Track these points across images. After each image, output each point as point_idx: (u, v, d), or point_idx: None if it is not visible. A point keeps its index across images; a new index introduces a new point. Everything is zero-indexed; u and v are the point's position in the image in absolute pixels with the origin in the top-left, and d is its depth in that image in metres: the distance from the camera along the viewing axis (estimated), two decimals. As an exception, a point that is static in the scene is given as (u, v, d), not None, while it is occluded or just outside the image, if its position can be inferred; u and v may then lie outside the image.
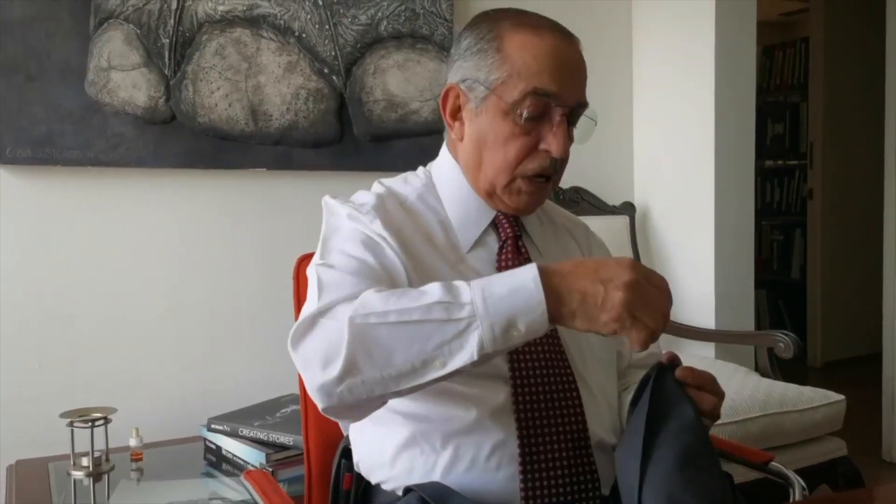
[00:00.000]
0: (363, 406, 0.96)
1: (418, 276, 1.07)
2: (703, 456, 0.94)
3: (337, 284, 0.99)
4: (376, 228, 1.08)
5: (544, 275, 0.89)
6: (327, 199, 1.17)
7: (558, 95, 1.07)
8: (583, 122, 1.13)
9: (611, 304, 0.87)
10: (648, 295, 0.88)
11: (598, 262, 0.91)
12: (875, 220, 3.30)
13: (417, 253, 1.10)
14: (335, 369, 0.90)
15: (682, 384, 1.00)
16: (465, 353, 0.88)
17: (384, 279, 1.03)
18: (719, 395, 1.05)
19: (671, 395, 0.96)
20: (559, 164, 1.11)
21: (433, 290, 0.91)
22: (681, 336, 2.78)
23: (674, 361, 1.02)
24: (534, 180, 1.11)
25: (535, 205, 1.16)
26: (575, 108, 1.10)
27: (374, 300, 0.92)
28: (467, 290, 0.90)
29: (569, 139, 1.11)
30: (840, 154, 4.64)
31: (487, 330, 0.88)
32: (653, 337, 0.89)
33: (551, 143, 1.08)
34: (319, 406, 0.95)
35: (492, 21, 1.12)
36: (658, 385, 0.96)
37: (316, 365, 0.92)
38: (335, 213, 1.14)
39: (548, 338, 1.11)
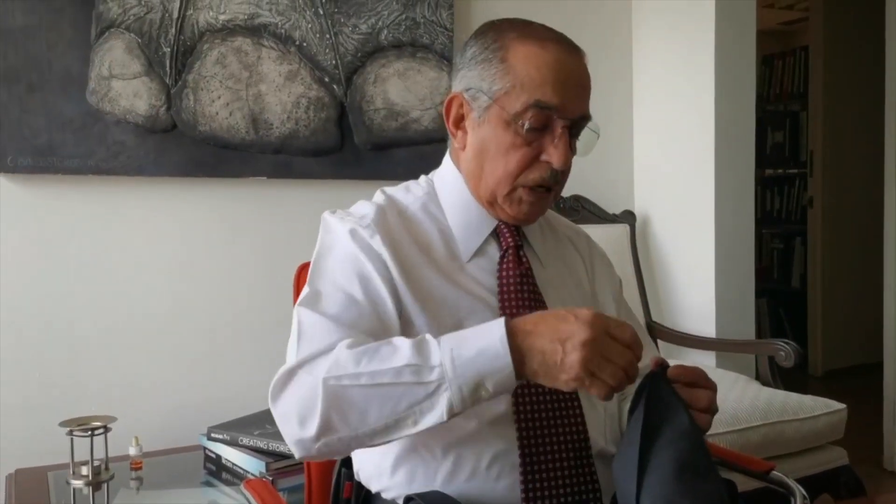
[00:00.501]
0: (341, 454, 1.01)
1: (413, 294, 1.08)
2: (699, 462, 0.94)
3: (316, 334, 1.01)
4: (375, 245, 1.09)
5: (511, 333, 0.91)
6: (326, 216, 1.16)
7: (560, 108, 1.07)
8: (586, 134, 1.13)
9: (569, 364, 0.89)
10: (609, 351, 0.90)
11: (559, 317, 0.92)
12: (875, 229, 3.30)
13: (415, 269, 1.10)
14: (311, 429, 0.94)
15: (674, 387, 1.00)
16: (436, 414, 0.92)
17: (369, 316, 1.04)
18: (712, 388, 1.05)
19: (666, 403, 0.96)
20: (560, 175, 1.11)
21: (403, 350, 0.93)
22: (681, 344, 2.78)
23: (662, 364, 1.02)
24: (535, 190, 1.11)
25: (536, 214, 1.16)
26: (577, 121, 1.10)
27: (346, 360, 0.94)
28: (437, 352, 0.92)
29: (570, 151, 1.11)
30: (840, 162, 4.65)
31: (456, 392, 0.91)
32: (614, 390, 0.90)
33: (552, 155, 1.09)
34: (296, 456, 0.99)
35: (497, 31, 1.12)
36: (652, 393, 0.96)
37: (293, 421, 0.95)
38: (332, 231, 1.14)
39: None
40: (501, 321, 0.92)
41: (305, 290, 1.08)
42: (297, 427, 0.95)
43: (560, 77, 1.07)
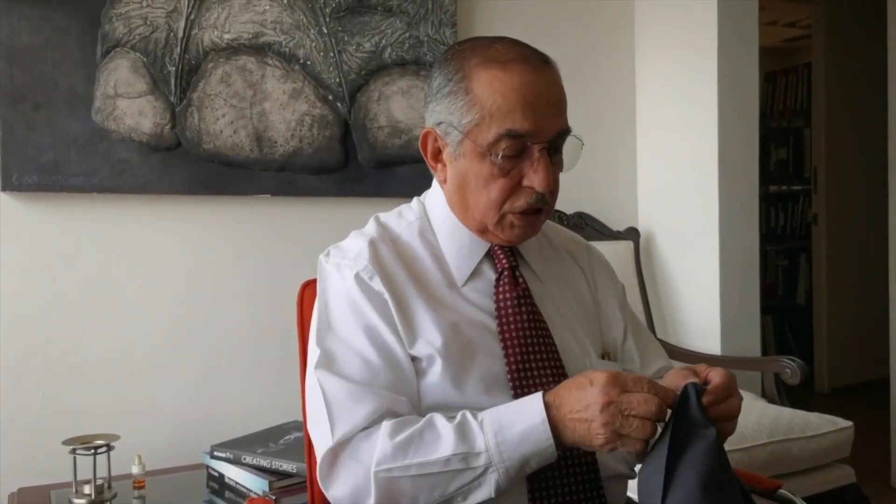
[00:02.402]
0: None
1: (415, 328, 1.08)
2: (724, 479, 0.93)
3: (344, 405, 1.03)
4: (376, 286, 1.09)
5: (549, 411, 0.96)
6: (321, 262, 1.16)
7: (533, 133, 1.04)
8: (571, 143, 1.10)
9: (596, 432, 0.93)
10: (629, 407, 0.92)
11: (579, 386, 0.96)
12: (880, 244, 3.29)
13: (413, 303, 1.10)
14: None
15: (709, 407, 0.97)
16: (484, 491, 0.98)
17: (385, 371, 1.05)
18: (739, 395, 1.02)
19: (695, 418, 0.95)
20: (547, 196, 1.09)
21: (447, 437, 0.97)
22: (686, 361, 2.76)
23: (699, 386, 0.97)
24: (525, 214, 1.09)
25: (529, 236, 1.15)
26: (554, 139, 1.07)
27: (393, 451, 0.98)
28: (480, 436, 0.97)
29: (554, 168, 1.09)
30: (844, 178, 4.65)
31: (503, 473, 0.97)
32: (648, 443, 0.93)
33: (533, 180, 1.06)
34: None
35: (459, 59, 1.09)
36: (682, 407, 0.95)
37: None
38: (328, 280, 1.14)
39: (552, 368, 1.10)
40: (540, 402, 0.96)
41: (316, 351, 1.09)
42: None
43: (528, 100, 1.04)
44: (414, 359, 1.08)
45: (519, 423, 0.96)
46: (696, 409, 0.95)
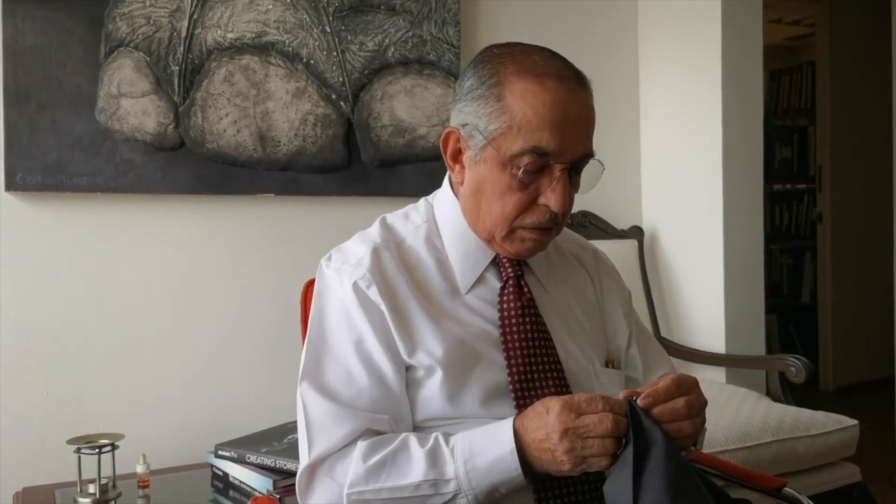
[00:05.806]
0: None
1: (414, 339, 1.08)
2: (687, 481, 0.94)
3: (324, 425, 1.05)
4: (373, 295, 1.09)
5: (518, 440, 0.97)
6: (322, 265, 1.16)
7: (558, 152, 1.04)
8: (591, 165, 1.10)
9: (560, 460, 0.95)
10: (586, 429, 0.94)
11: (538, 414, 0.97)
12: (885, 242, 3.29)
13: (413, 312, 1.09)
14: None
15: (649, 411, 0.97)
16: None
17: (369, 388, 1.06)
18: (695, 401, 1.00)
19: (647, 426, 0.95)
20: (560, 217, 1.08)
21: (419, 465, 0.99)
22: (691, 360, 2.76)
23: (632, 398, 0.98)
24: (535, 230, 1.09)
25: (535, 252, 1.15)
26: (577, 161, 1.07)
27: (366, 473, 1.01)
28: (451, 463, 0.99)
29: (572, 189, 1.08)
30: (849, 177, 4.64)
31: (472, 499, 0.99)
32: (614, 457, 0.94)
33: (550, 199, 1.06)
34: None
35: (496, 63, 1.08)
36: (633, 417, 0.96)
37: None
38: (326, 284, 1.14)
39: (555, 378, 1.10)
40: (510, 430, 0.98)
41: (306, 357, 1.10)
42: None
43: (558, 119, 1.02)
44: (412, 368, 1.08)
45: (489, 451, 0.98)
46: (644, 419, 0.96)
